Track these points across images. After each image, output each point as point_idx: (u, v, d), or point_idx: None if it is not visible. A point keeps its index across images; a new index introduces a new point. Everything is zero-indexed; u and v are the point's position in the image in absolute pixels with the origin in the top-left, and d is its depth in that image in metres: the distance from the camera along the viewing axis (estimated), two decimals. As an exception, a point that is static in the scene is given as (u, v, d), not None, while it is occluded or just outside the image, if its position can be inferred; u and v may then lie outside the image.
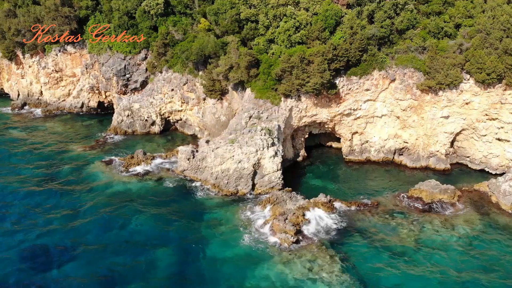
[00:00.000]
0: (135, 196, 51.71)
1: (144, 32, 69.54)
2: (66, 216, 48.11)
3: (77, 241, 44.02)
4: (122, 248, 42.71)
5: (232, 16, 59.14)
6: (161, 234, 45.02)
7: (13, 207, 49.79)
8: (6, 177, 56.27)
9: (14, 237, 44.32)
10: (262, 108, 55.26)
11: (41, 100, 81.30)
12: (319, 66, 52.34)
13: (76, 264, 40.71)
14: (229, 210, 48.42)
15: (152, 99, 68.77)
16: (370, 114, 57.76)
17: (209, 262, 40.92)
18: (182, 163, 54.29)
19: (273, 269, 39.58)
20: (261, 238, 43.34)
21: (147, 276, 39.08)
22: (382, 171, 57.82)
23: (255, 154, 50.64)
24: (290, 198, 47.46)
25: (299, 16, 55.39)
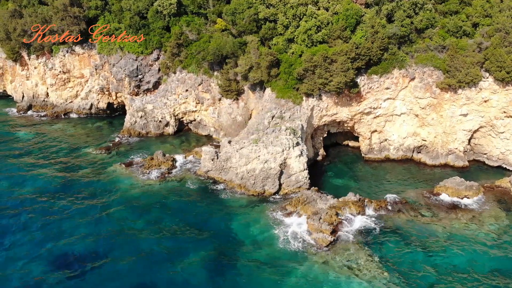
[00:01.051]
0: (160, 198, 50.71)
1: (157, 33, 68.32)
2: (92, 221, 46.83)
3: (105, 246, 42.92)
4: (153, 252, 41.74)
5: (251, 15, 58.48)
6: (192, 236, 44.17)
7: (36, 213, 48.06)
8: (23, 182, 54.49)
9: (42, 245, 42.85)
10: (284, 108, 54.77)
11: (47, 102, 79.33)
12: (343, 65, 52.09)
13: (107, 271, 39.59)
14: (258, 210, 47.83)
15: (166, 99, 67.65)
16: (389, 112, 57.75)
17: (246, 263, 40.27)
18: (206, 163, 53.44)
19: (312, 269, 39.20)
20: (296, 238, 42.88)
21: (183, 280, 38.23)
22: (401, 169, 57.88)
23: (281, 154, 50.12)
24: (320, 197, 47.08)
25: (320, 15, 54.99)
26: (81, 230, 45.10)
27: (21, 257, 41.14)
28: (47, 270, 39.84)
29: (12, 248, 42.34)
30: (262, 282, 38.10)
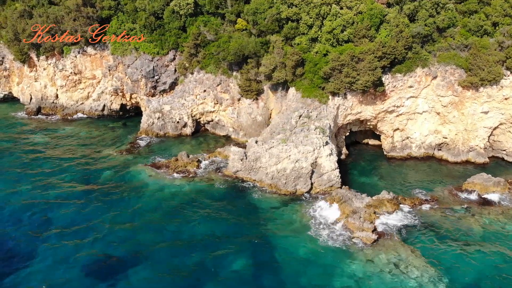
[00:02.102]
0: (191, 199, 49.79)
1: (173, 33, 67.22)
2: (123, 223, 45.69)
3: (141, 248, 41.88)
4: (190, 254, 40.79)
5: (273, 15, 57.93)
6: (229, 237, 43.42)
7: (65, 217, 46.64)
8: (47, 185, 52.71)
9: (79, 249, 41.44)
10: (310, 107, 54.41)
11: (57, 104, 77.33)
12: (370, 63, 52.00)
13: (144, 272, 38.63)
14: (293, 210, 47.36)
15: (184, 100, 66.59)
16: (412, 110, 57.93)
17: (289, 262, 39.75)
18: (235, 164, 52.69)
19: (359, 267, 38.93)
20: (337, 237, 42.53)
21: (223, 284, 37.59)
22: (424, 166, 58.09)
23: (312, 153, 49.74)
24: (355, 196, 46.84)
25: (344, 14, 54.79)
26: (115, 233, 43.91)
27: (60, 263, 39.82)
28: (87, 275, 38.71)
29: (49, 255, 40.91)
30: (310, 281, 37.65)
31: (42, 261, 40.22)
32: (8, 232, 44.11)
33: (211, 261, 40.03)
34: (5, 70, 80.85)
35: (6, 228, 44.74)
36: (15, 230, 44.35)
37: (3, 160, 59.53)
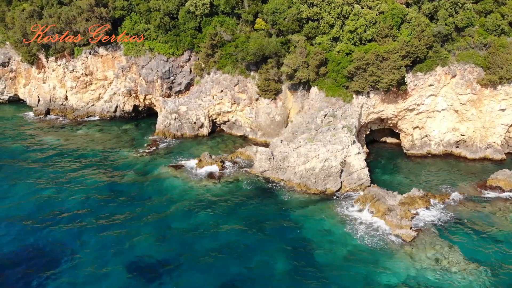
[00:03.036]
0: (220, 200, 49.00)
1: (188, 33, 66.26)
2: (156, 225, 44.58)
3: (178, 249, 41.02)
4: (227, 254, 40.14)
5: (294, 15, 57.51)
6: (265, 237, 42.83)
7: (95, 220, 45.45)
8: (69, 189, 51.02)
9: (116, 252, 40.45)
10: (335, 106, 54.20)
11: (66, 106, 75.44)
12: (395, 62, 52.05)
13: (183, 274, 37.82)
14: (325, 209, 47.00)
15: (200, 101, 65.65)
16: (431, 108, 58.23)
17: (330, 262, 39.28)
18: (262, 163, 52.10)
19: (401, 263, 38.81)
20: (375, 234, 42.32)
21: (263, 283, 37.01)
22: (444, 163, 58.46)
23: (341, 152, 49.53)
24: (387, 194, 46.74)
25: (367, 14, 54.72)
26: (150, 235, 42.88)
27: (100, 266, 38.75)
28: (124, 277, 37.78)
29: (87, 258, 39.73)
30: (353, 279, 37.34)
31: (81, 264, 39.03)
32: (41, 236, 42.74)
33: (250, 261, 39.43)
34: (11, 72, 78.55)
35: (37, 232, 43.30)
36: (47, 234, 42.98)
37: (20, 163, 57.66)
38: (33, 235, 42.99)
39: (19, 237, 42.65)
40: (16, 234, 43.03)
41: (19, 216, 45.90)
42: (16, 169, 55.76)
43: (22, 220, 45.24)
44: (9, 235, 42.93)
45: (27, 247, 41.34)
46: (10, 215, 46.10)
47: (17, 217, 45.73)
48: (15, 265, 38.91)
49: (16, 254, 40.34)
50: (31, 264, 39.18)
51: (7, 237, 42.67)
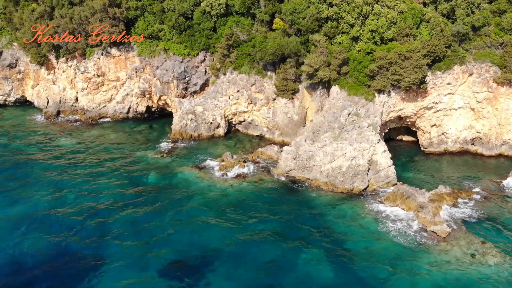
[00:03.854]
0: (246, 199, 48.58)
1: (204, 34, 65.58)
2: (185, 225, 44.04)
3: (209, 248, 40.76)
4: (261, 253, 39.97)
5: (313, 15, 57.36)
6: (297, 235, 42.57)
7: (123, 222, 44.46)
8: (92, 192, 49.91)
9: (145, 252, 39.90)
10: (358, 105, 54.15)
11: (77, 107, 73.99)
12: (418, 61, 52.27)
13: (222, 276, 37.50)
14: (356, 207, 46.90)
15: (217, 101, 65.02)
16: (448, 107, 58.63)
17: (366, 260, 39.14)
18: (288, 163, 51.77)
19: (438, 259, 39.11)
20: (409, 231, 42.40)
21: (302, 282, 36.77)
22: (461, 160, 58.92)
23: (368, 150, 49.55)
24: (415, 191, 46.89)
25: (388, 14, 54.85)
26: (179, 235, 42.41)
27: (131, 268, 38.05)
28: (161, 277, 37.18)
29: (117, 261, 38.95)
30: (391, 275, 37.32)
31: (111, 268, 38.24)
32: (67, 240, 41.70)
33: (284, 261, 39.17)
34: (19, 73, 76.68)
35: (63, 237, 42.22)
36: (78, 237, 42.05)
37: (37, 166, 56.30)
38: (64, 239, 42.01)
39: (50, 242, 41.57)
40: (47, 239, 41.95)
41: (46, 220, 44.87)
42: (35, 173, 54.40)
43: (51, 225, 44.22)
44: (39, 240, 41.85)
45: (60, 251, 40.38)
46: (37, 219, 45.02)
47: (44, 221, 44.68)
48: (46, 270, 37.95)
49: (47, 259, 39.33)
50: (66, 268, 38.32)
51: (38, 241, 41.61)
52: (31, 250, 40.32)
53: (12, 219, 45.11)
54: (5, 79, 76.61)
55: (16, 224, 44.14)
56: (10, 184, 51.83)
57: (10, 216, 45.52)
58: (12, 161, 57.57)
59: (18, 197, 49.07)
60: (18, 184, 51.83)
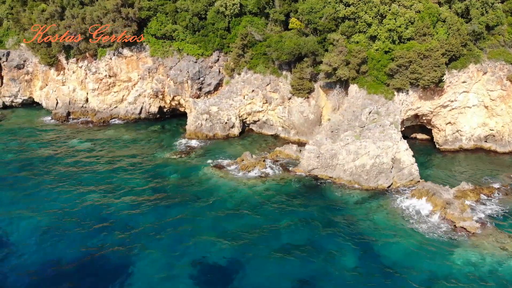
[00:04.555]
0: (271, 198, 47.90)
1: (218, 34, 65.13)
2: (213, 226, 43.28)
3: (241, 250, 39.97)
4: (292, 252, 39.44)
5: (330, 14, 57.36)
6: (327, 235, 42.27)
7: (149, 224, 43.57)
8: (115, 193, 49.08)
9: (175, 255, 39.16)
10: (378, 103, 54.25)
11: (87, 108, 72.89)
12: (436, 60, 52.58)
13: (252, 273, 37.02)
14: (383, 205, 46.82)
15: (232, 101, 64.61)
16: (463, 105, 59.10)
17: (399, 257, 38.99)
18: (310, 161, 51.61)
19: (470, 254, 38.91)
20: (438, 228, 42.46)
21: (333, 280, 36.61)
22: (476, 157, 59.37)
23: (392, 148, 49.66)
24: (440, 188, 47.07)
25: (405, 13, 55.06)
26: (209, 236, 41.75)
27: (162, 271, 37.30)
28: (194, 280, 36.63)
29: (147, 263, 38.13)
30: (424, 270, 37.27)
31: (142, 271, 37.46)
32: (98, 242, 40.88)
33: (316, 258, 38.76)
34: (27, 74, 75.30)
35: (94, 239, 41.38)
36: (104, 240, 41.13)
37: (54, 168, 55.06)
38: (90, 242, 40.96)
39: (77, 243, 40.69)
40: (73, 240, 41.09)
41: (70, 221, 43.84)
42: (54, 175, 53.19)
43: (76, 225, 43.23)
44: (66, 241, 40.95)
45: (88, 255, 39.44)
46: (61, 220, 44.03)
47: (68, 222, 43.67)
48: (76, 270, 37.17)
49: (76, 258, 38.48)
50: (96, 273, 37.39)
51: (65, 242, 40.69)
52: (59, 251, 39.23)
53: (36, 220, 44.07)
54: (13, 80, 75.22)
55: (40, 225, 43.14)
56: (29, 186, 50.69)
57: (34, 218, 44.47)
58: (28, 163, 56.30)
59: (40, 199, 47.93)
60: (38, 186, 50.68)
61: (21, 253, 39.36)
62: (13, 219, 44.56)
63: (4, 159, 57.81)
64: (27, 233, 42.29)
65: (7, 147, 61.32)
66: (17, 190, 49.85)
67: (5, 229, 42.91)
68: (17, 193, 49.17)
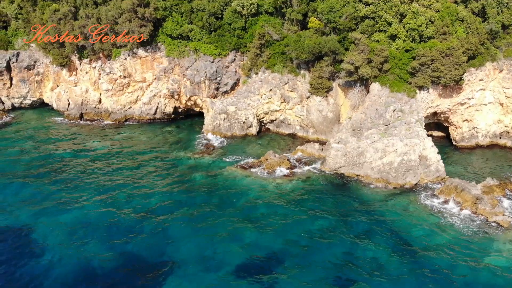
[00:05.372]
0: (301, 197, 47.81)
1: (235, 34, 64.59)
2: (245, 224, 43.08)
3: (277, 246, 39.94)
4: (328, 249, 39.54)
5: (351, 13, 57.37)
6: (362, 231, 42.43)
7: (181, 225, 43.02)
8: (143, 194, 48.20)
9: (213, 254, 38.94)
10: (401, 101, 54.41)
11: (101, 109, 71.52)
12: (458, 59, 52.99)
13: (290, 270, 37.08)
14: (413, 201, 46.96)
15: (249, 100, 64.11)
16: (479, 102, 59.71)
17: (435, 252, 39.22)
18: (338, 160, 51.51)
19: (508, 246, 39.54)
20: (471, 222, 42.79)
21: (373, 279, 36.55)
22: (492, 154, 60.01)
23: (419, 146, 49.87)
24: (467, 184, 47.40)
25: (425, 13, 55.36)
26: (241, 235, 41.50)
27: (203, 271, 37.00)
28: (235, 277, 36.34)
29: (188, 264, 37.70)
30: (461, 261, 37.68)
31: (180, 269, 37.12)
32: (129, 243, 40.21)
33: (353, 253, 39.01)
34: (37, 75, 73.51)
35: (124, 239, 40.61)
36: (135, 240, 40.50)
37: (76, 169, 53.87)
38: (126, 241, 40.38)
39: (112, 246, 39.85)
40: (108, 243, 40.19)
41: (102, 224, 42.99)
42: (77, 176, 52.09)
43: (108, 228, 42.44)
44: (100, 245, 40.03)
45: (124, 255, 38.84)
46: (92, 223, 43.10)
47: (100, 225, 42.82)
48: (114, 275, 36.42)
49: (113, 264, 37.64)
50: (134, 270, 36.90)
51: (99, 246, 39.78)
52: (94, 256, 38.37)
53: (66, 225, 42.85)
54: (22, 81, 73.38)
55: (72, 230, 42.01)
56: (54, 189, 49.33)
57: (64, 223, 43.19)
58: (49, 166, 54.95)
59: (67, 202, 46.74)
60: (63, 189, 49.47)
61: (55, 251, 38.73)
62: (43, 217, 43.75)
63: (25, 159, 56.47)
64: (61, 232, 41.57)
65: (26, 148, 59.89)
66: (44, 190, 48.88)
67: (38, 228, 42.13)
68: (45, 193, 48.37)
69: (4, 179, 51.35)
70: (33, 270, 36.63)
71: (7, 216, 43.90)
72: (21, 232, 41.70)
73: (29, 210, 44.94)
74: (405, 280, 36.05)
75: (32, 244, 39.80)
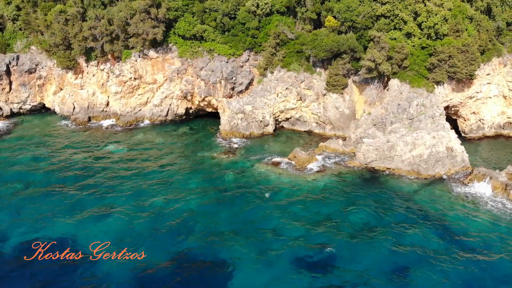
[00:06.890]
0: (337, 192, 47.48)
1: (250, 33, 63.63)
2: (290, 221, 42.41)
3: (324, 242, 39.53)
4: (373, 244, 39.36)
5: (368, 12, 57.97)
6: (405, 223, 42.63)
7: (229, 224, 41.94)
8: (176, 197, 46.38)
9: (262, 252, 38.05)
10: (422, 96, 55.52)
11: (109, 112, 68.37)
12: (473, 54, 54.74)
13: (340, 263, 36.98)
14: (446, 190, 47.64)
15: (266, 99, 63.33)
16: (486, 95, 61.98)
17: (478, 237, 40.06)
18: (369, 154, 51.75)
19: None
20: (504, 206, 44.16)
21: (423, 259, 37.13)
22: (499, 143, 62.35)
23: (446, 138, 51.05)
24: (493, 172, 48.92)
25: (439, 11, 56.80)
26: (287, 232, 40.74)
27: (261, 271, 36.14)
28: (289, 274, 35.74)
29: (245, 265, 36.71)
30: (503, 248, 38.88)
31: (236, 270, 36.09)
32: (180, 247, 38.74)
33: (402, 243, 39.21)
34: (39, 79, 69.28)
35: (174, 244, 39.05)
36: (185, 244, 39.12)
37: (100, 175, 51.17)
38: (176, 245, 38.81)
39: (164, 251, 38.14)
40: (160, 248, 38.39)
41: (147, 230, 41.00)
42: (103, 182, 49.39)
43: (155, 233, 40.52)
44: (152, 251, 38.09)
45: (178, 259, 37.31)
46: (137, 230, 41.02)
47: (145, 231, 40.81)
48: (173, 279, 34.95)
49: (170, 269, 36.11)
50: (191, 273, 35.64)
51: (151, 252, 37.80)
52: (150, 262, 36.55)
53: (111, 233, 40.53)
54: (23, 86, 68.96)
55: (119, 238, 39.86)
56: (85, 197, 46.59)
57: (108, 231, 40.95)
58: (71, 172, 51.91)
59: (104, 209, 44.21)
60: (94, 196, 46.81)
61: (105, 261, 36.63)
62: (86, 227, 41.23)
63: (41, 167, 52.98)
64: (108, 241, 39.20)
65: (41, 155, 56.22)
66: (78, 198, 46.09)
67: (77, 234, 39.94)
68: (81, 201, 45.63)
69: (31, 189, 48.01)
70: (91, 281, 34.42)
71: (48, 229, 40.99)
72: (65, 242, 39.02)
73: (69, 221, 42.11)
74: (459, 263, 36.58)
75: (82, 256, 37.21)
